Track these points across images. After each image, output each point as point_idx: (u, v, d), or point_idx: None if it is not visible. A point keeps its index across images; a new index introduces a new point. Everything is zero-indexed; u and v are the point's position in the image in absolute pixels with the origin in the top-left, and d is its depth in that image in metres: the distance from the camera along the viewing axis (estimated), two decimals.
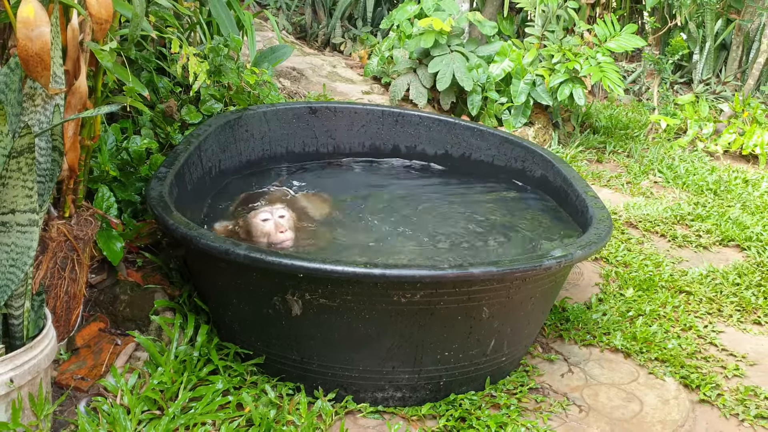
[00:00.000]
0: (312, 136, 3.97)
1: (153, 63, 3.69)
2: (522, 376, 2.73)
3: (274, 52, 4.69)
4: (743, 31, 6.93)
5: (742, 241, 4.06)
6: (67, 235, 2.50)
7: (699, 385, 2.77)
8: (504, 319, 2.50)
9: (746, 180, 5.06)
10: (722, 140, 5.60)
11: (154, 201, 2.56)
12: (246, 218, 3.01)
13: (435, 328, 2.39)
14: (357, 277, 2.22)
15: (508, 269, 2.30)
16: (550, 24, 5.61)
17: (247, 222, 2.99)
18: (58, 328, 2.58)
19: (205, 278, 2.63)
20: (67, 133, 2.33)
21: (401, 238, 3.11)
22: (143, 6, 2.16)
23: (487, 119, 5.38)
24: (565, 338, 3.03)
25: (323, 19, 7.77)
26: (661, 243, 4.06)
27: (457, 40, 5.43)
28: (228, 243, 2.29)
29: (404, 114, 4.05)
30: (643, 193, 4.78)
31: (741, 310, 3.38)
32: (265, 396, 2.45)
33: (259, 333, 2.51)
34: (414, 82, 5.49)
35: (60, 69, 2.17)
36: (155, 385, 2.40)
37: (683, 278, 3.59)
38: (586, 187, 3.16)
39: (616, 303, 3.31)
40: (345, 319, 2.36)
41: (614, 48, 5.39)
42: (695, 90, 6.98)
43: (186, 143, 3.17)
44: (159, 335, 2.68)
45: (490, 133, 3.89)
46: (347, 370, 2.46)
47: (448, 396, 2.54)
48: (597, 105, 6.54)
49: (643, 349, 2.98)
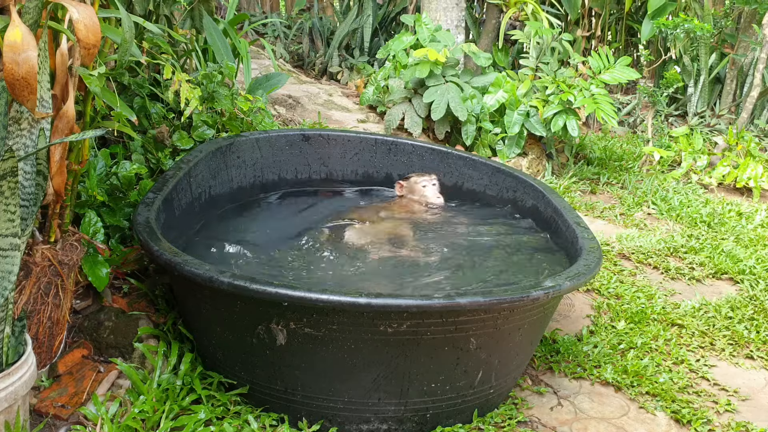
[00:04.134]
0: (305, 163, 3.97)
1: (146, 89, 3.70)
2: (510, 408, 2.69)
3: (269, 79, 4.71)
4: (737, 65, 6.97)
5: (735, 274, 4.04)
6: (52, 260, 2.47)
7: (690, 420, 2.73)
8: (492, 350, 2.46)
9: (740, 213, 5.06)
10: (716, 173, 5.61)
11: (140, 226, 2.54)
12: (410, 182, 3.86)
13: (422, 358, 2.36)
14: (342, 306, 2.19)
15: (496, 299, 2.28)
16: (544, 56, 5.65)
17: (411, 184, 3.84)
18: (41, 354, 2.54)
19: (189, 305, 2.60)
20: (54, 158, 2.32)
21: (386, 267, 3.09)
22: (132, 32, 2.16)
23: (481, 149, 5.38)
24: (555, 370, 2.99)
25: (320, 48, 7.82)
26: (653, 275, 4.03)
27: (452, 71, 5.46)
28: (212, 271, 2.27)
29: (397, 143, 4.05)
30: (637, 224, 4.76)
31: (733, 344, 3.35)
32: (248, 426, 2.41)
33: (242, 362, 2.48)
34: (409, 111, 5.50)
35: (47, 93, 2.16)
36: (136, 414, 2.36)
37: (675, 311, 3.57)
38: (576, 217, 3.15)
39: (608, 335, 3.28)
40: (330, 349, 2.32)
41: (608, 80, 5.42)
42: (690, 123, 7.01)
43: (176, 169, 3.16)
44: (142, 363, 2.64)
45: (483, 163, 3.89)
46: (332, 401, 2.42)
47: (434, 429, 2.50)
48: (591, 136, 6.56)
49: (634, 382, 2.94)
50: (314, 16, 8.09)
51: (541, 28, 5.53)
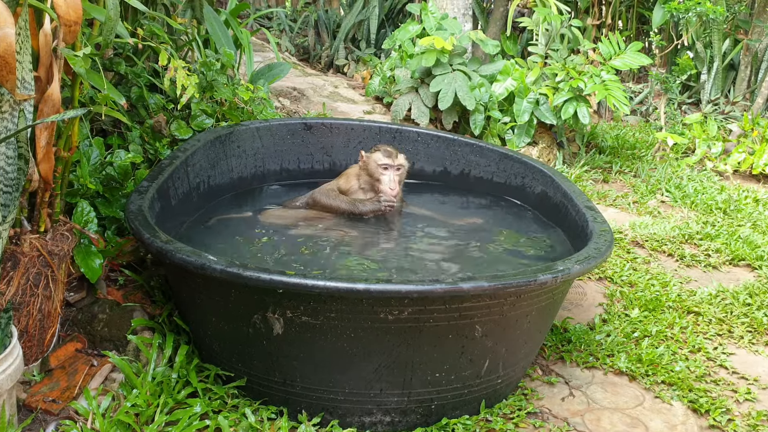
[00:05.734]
0: (307, 152, 3.88)
1: (144, 78, 3.61)
2: (520, 399, 2.58)
3: (271, 69, 4.62)
4: (751, 50, 6.81)
5: (752, 261, 3.90)
6: (41, 249, 2.39)
7: (708, 409, 2.61)
8: (498, 338, 2.36)
9: (756, 199, 4.91)
10: (732, 159, 5.46)
11: (132, 215, 2.45)
12: (371, 158, 3.29)
13: (425, 347, 2.26)
14: (340, 292, 2.09)
15: (501, 284, 2.17)
16: (553, 43, 5.52)
17: (370, 162, 3.28)
18: (31, 347, 2.46)
19: (183, 295, 2.51)
20: (40, 143, 2.23)
21: (393, 256, 2.99)
22: (117, 9, 2.07)
23: (490, 139, 5.26)
24: (567, 360, 2.88)
25: (326, 40, 7.73)
26: (668, 262, 3.91)
27: (459, 59, 5.34)
28: (204, 258, 2.17)
29: (402, 130, 3.94)
30: (650, 212, 4.64)
31: (752, 331, 3.22)
32: (245, 420, 2.31)
33: (239, 353, 2.38)
34: (416, 101, 5.39)
35: (29, 75, 2.08)
36: (129, 408, 2.28)
37: (691, 298, 3.44)
38: (586, 201, 3.04)
39: (621, 324, 3.16)
40: (329, 338, 2.22)
41: (619, 66, 5.29)
42: (703, 110, 6.85)
43: (172, 158, 3.07)
44: (137, 356, 2.55)
45: (490, 149, 3.78)
46: (332, 393, 2.32)
47: (440, 420, 2.40)
48: (603, 125, 6.42)
49: (649, 371, 2.82)
50: (320, 9, 8.00)
51: (549, 14, 5.40)
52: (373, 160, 3.29)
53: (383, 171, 3.27)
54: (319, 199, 3.33)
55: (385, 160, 3.27)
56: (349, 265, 2.82)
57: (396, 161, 3.29)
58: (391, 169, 3.27)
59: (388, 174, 3.27)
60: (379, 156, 3.29)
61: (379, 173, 3.27)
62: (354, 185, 3.38)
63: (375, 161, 3.28)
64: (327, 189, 3.38)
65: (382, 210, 3.25)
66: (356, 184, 3.38)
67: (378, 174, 3.27)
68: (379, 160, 3.28)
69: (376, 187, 3.29)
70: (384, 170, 3.27)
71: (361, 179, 3.37)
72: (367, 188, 3.35)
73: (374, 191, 3.31)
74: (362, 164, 3.36)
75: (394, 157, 3.28)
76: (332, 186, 3.41)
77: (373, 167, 3.28)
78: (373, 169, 3.29)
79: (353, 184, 3.38)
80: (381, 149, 3.32)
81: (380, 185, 3.27)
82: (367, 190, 3.35)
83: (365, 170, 3.34)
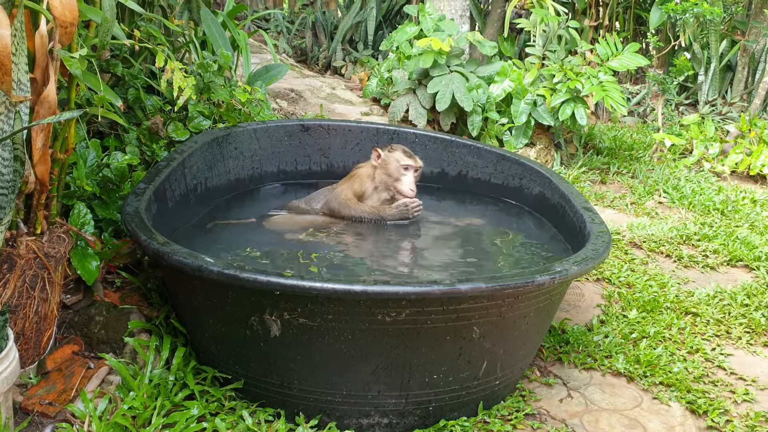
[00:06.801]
0: (305, 154, 3.87)
1: (141, 80, 3.61)
2: (518, 401, 2.58)
3: (269, 71, 4.61)
4: (748, 52, 6.82)
5: (750, 261, 3.90)
6: (37, 252, 2.38)
7: (706, 410, 2.61)
8: (496, 340, 2.35)
9: (754, 200, 4.92)
10: (729, 160, 5.47)
11: (128, 216, 2.45)
12: (391, 156, 3.17)
13: (422, 349, 2.25)
14: (337, 294, 2.09)
15: (498, 285, 2.16)
16: (551, 44, 5.52)
17: (390, 160, 3.16)
18: (28, 350, 2.45)
19: (180, 297, 2.51)
20: (36, 145, 2.22)
21: (391, 257, 2.98)
22: (113, 11, 2.07)
23: (487, 140, 5.26)
24: (565, 361, 2.88)
25: (324, 42, 7.73)
26: (666, 263, 3.91)
27: (456, 61, 5.34)
28: (201, 259, 2.17)
29: (399, 132, 3.94)
30: (648, 213, 4.64)
31: (750, 332, 3.22)
32: (242, 422, 2.31)
33: (236, 356, 2.38)
34: (413, 102, 5.39)
35: (25, 76, 2.07)
36: (126, 411, 2.27)
37: (689, 299, 3.44)
38: (584, 202, 3.04)
39: (619, 325, 3.16)
40: (326, 340, 2.22)
41: (616, 67, 5.29)
42: (701, 111, 6.86)
43: (169, 159, 3.07)
44: (134, 358, 2.55)
45: (487, 151, 3.78)
46: (330, 395, 2.31)
47: (437, 422, 2.39)
48: (600, 126, 6.43)
49: (647, 372, 2.82)
50: (317, 10, 8.00)
51: (547, 16, 5.40)
52: (395, 159, 3.18)
53: (404, 172, 3.16)
54: (339, 211, 3.19)
55: (407, 161, 3.17)
56: (347, 266, 2.81)
57: (417, 163, 3.20)
58: (411, 170, 3.18)
59: (409, 175, 3.17)
60: (400, 156, 3.18)
61: (399, 173, 3.17)
62: (368, 187, 3.25)
63: (397, 160, 3.17)
64: (343, 199, 3.22)
65: (409, 217, 3.15)
66: (371, 185, 3.25)
67: (398, 174, 3.17)
68: (402, 160, 3.18)
69: (393, 187, 3.18)
70: (405, 170, 3.17)
71: (377, 179, 3.24)
72: (382, 188, 3.23)
73: (389, 192, 3.21)
74: (379, 163, 3.23)
75: (414, 158, 3.20)
76: (344, 190, 3.26)
77: (394, 167, 3.17)
78: (393, 169, 3.18)
79: (368, 186, 3.25)
80: (400, 149, 3.20)
81: (401, 186, 3.17)
82: (382, 190, 3.24)
83: (383, 169, 3.21)
